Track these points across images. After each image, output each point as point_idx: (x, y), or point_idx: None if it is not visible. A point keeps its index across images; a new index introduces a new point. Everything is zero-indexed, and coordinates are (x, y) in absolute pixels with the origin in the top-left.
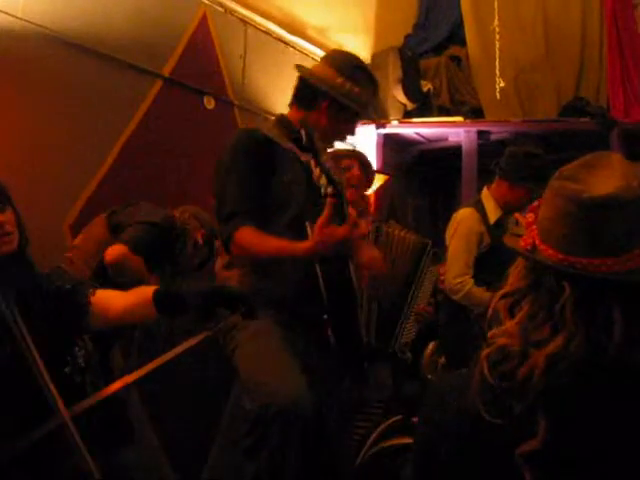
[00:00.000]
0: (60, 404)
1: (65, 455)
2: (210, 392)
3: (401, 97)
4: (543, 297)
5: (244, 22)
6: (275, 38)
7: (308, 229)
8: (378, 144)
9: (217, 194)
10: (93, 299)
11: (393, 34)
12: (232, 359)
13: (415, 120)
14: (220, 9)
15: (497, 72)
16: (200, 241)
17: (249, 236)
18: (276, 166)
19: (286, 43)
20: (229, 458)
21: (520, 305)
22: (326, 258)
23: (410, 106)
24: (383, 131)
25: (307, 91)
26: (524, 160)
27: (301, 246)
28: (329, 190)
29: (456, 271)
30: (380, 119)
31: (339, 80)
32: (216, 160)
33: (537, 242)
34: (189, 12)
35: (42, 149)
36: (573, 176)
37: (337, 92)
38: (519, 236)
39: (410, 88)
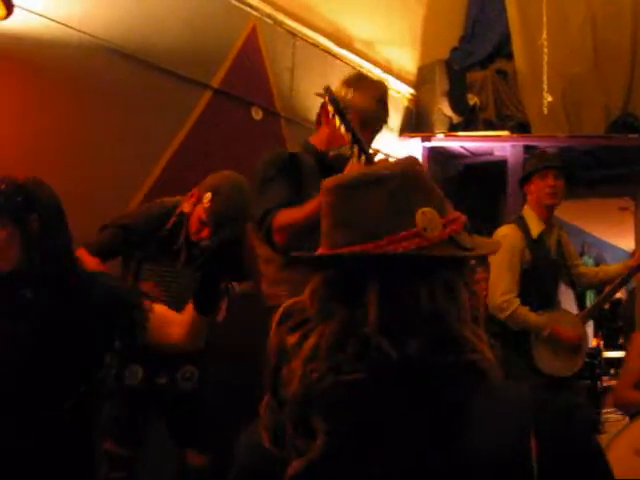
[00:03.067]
0: None
1: None
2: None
3: (447, 110)
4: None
5: (293, 34)
6: (323, 50)
7: None
8: (423, 157)
9: (254, 205)
10: (152, 316)
11: (440, 47)
12: None
13: (461, 134)
14: (269, 21)
15: (544, 86)
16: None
17: (285, 213)
18: (302, 181)
19: (333, 56)
20: None
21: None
22: None
23: (456, 119)
24: (428, 144)
25: (320, 108)
26: (536, 155)
27: None
28: None
29: (502, 288)
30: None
31: (342, 90)
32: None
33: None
34: (239, 24)
35: (95, 158)
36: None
37: (333, 97)
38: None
39: (456, 101)
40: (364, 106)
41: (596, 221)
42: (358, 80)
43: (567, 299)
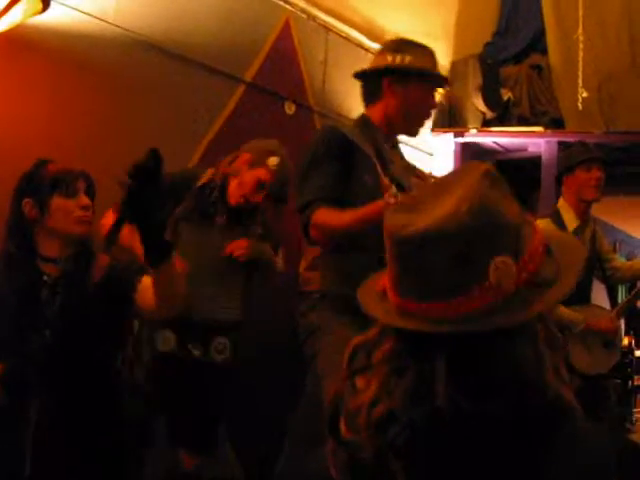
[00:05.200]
0: None
1: None
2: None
3: (480, 105)
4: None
5: (326, 28)
6: (355, 44)
7: None
8: (456, 153)
9: (298, 188)
10: (139, 287)
11: (473, 42)
12: (313, 364)
13: (494, 129)
14: (302, 15)
15: (579, 82)
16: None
17: (325, 214)
18: (355, 164)
19: (366, 49)
20: (302, 457)
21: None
22: None
23: (489, 115)
24: (461, 140)
25: (368, 84)
26: (577, 146)
27: (375, 205)
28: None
29: None
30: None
31: (389, 57)
32: (302, 158)
33: (388, 285)
34: (272, 18)
35: (128, 151)
36: (410, 205)
37: (391, 65)
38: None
39: (490, 97)
40: (427, 66)
41: (629, 218)
42: (404, 44)
43: (598, 295)
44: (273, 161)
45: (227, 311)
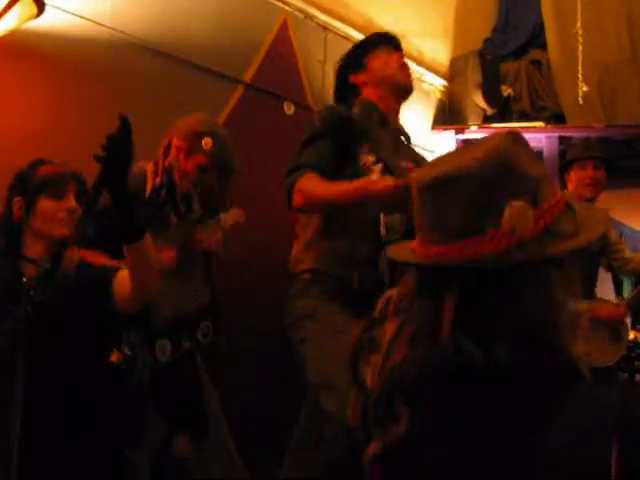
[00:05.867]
0: None
1: None
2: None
3: (480, 102)
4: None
5: (324, 28)
6: (354, 43)
7: (382, 220)
8: None
9: (292, 162)
10: (115, 280)
11: (472, 38)
12: (299, 350)
13: (495, 125)
14: (300, 15)
15: (579, 76)
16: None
17: (312, 181)
18: (357, 142)
19: None
20: (308, 457)
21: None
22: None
23: (490, 111)
24: (462, 137)
25: (340, 85)
26: (579, 143)
27: (360, 182)
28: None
29: None
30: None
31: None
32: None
33: (416, 238)
34: (270, 19)
35: None
36: (436, 161)
37: (344, 62)
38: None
39: (490, 93)
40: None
41: (633, 212)
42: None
43: (604, 289)
44: (207, 144)
45: (200, 296)
